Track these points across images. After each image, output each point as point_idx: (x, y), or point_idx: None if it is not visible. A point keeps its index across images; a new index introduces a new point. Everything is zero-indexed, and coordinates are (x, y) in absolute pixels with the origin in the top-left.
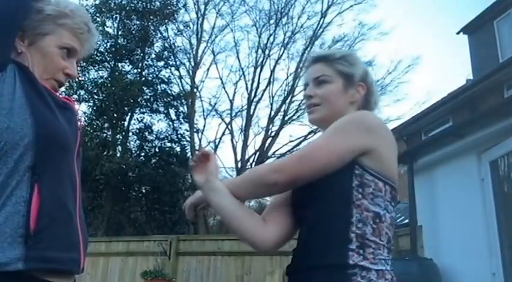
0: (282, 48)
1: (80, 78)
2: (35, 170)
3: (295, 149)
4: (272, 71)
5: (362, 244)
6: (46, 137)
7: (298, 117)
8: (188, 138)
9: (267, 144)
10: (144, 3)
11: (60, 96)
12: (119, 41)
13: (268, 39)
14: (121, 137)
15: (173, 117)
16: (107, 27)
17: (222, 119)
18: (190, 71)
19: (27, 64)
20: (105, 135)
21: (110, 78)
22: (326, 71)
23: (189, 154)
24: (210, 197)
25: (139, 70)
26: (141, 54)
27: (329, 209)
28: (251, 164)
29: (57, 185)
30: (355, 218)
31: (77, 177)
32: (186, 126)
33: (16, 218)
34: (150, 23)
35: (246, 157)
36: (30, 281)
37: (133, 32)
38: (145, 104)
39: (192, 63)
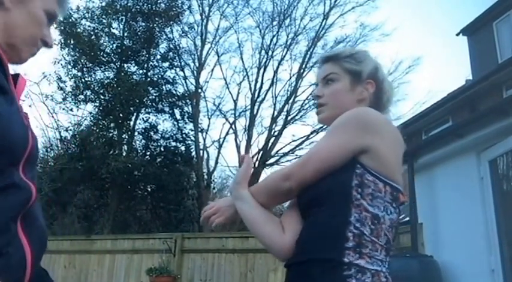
0: (285, 49)
1: (86, 79)
2: None
3: (297, 148)
4: (275, 72)
5: (359, 243)
6: None
7: (301, 117)
8: (193, 138)
9: (270, 144)
10: (149, 5)
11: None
12: (125, 42)
13: (272, 40)
14: (127, 137)
15: (178, 117)
16: (113, 28)
17: (226, 119)
18: (195, 72)
19: (12, 24)
20: (111, 134)
21: (115, 79)
22: (333, 70)
23: (193, 153)
24: (236, 204)
25: (144, 71)
26: (147, 55)
27: (329, 207)
28: (254, 163)
29: None
30: (353, 217)
31: (29, 185)
32: (190, 125)
33: None
34: (155, 25)
35: (250, 156)
36: None
37: (139, 33)
38: (150, 104)
39: (197, 64)
